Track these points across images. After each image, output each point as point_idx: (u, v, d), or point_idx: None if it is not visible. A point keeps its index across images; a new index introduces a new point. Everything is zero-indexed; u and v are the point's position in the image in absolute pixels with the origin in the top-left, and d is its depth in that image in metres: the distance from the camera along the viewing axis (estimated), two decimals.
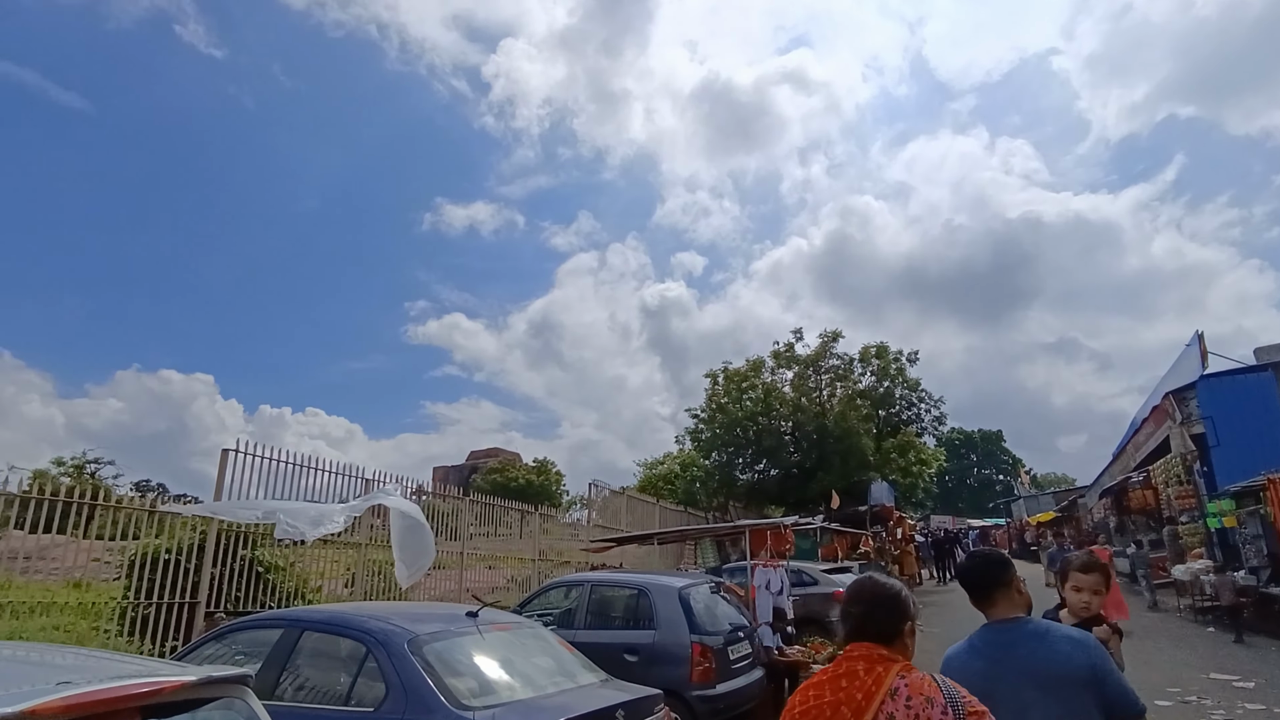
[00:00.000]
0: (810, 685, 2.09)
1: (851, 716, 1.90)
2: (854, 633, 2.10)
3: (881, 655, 2.00)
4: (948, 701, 1.90)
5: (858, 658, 2.02)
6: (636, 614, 8.12)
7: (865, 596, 2.14)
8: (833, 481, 26.07)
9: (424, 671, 3.80)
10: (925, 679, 1.96)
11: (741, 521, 9.93)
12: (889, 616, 2.07)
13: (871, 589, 2.16)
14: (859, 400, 28.58)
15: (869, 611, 2.09)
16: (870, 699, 1.91)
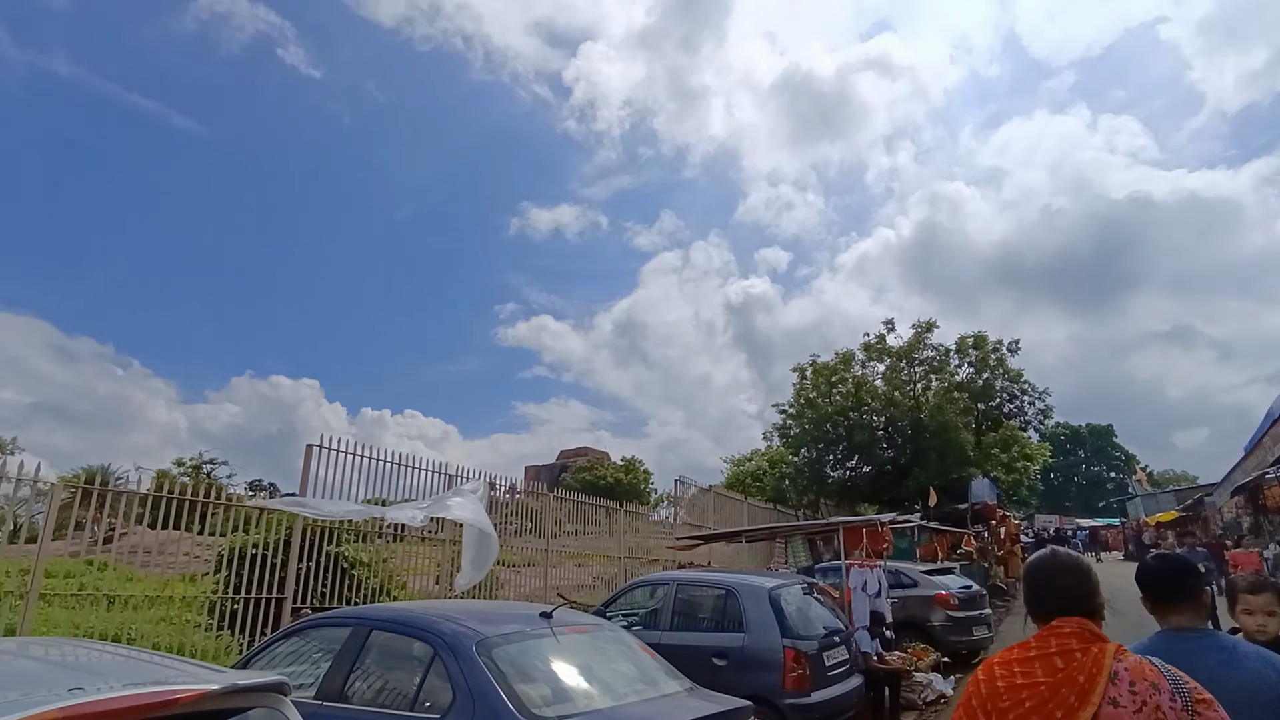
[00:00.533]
0: (1010, 661, 1.92)
1: (1075, 700, 1.76)
2: (1064, 607, 1.93)
3: (1095, 633, 1.88)
4: (1173, 688, 1.75)
5: (1069, 634, 1.87)
6: (724, 616, 7.71)
7: (1072, 567, 2.00)
8: (929, 478, 24.85)
9: (492, 676, 3.53)
10: (1144, 663, 1.81)
11: (835, 518, 9.35)
12: (1095, 591, 1.96)
13: (1075, 560, 2.04)
14: (956, 393, 27.17)
15: (1081, 584, 1.95)
16: (1093, 681, 1.77)
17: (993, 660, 1.98)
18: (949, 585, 11.96)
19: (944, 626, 11.33)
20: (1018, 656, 1.92)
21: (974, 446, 26.33)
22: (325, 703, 3.90)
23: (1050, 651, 1.86)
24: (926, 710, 9.15)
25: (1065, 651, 1.84)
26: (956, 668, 11.50)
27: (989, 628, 12.09)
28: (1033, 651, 1.90)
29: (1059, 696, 1.78)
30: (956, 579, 12.55)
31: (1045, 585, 2.00)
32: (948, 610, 11.43)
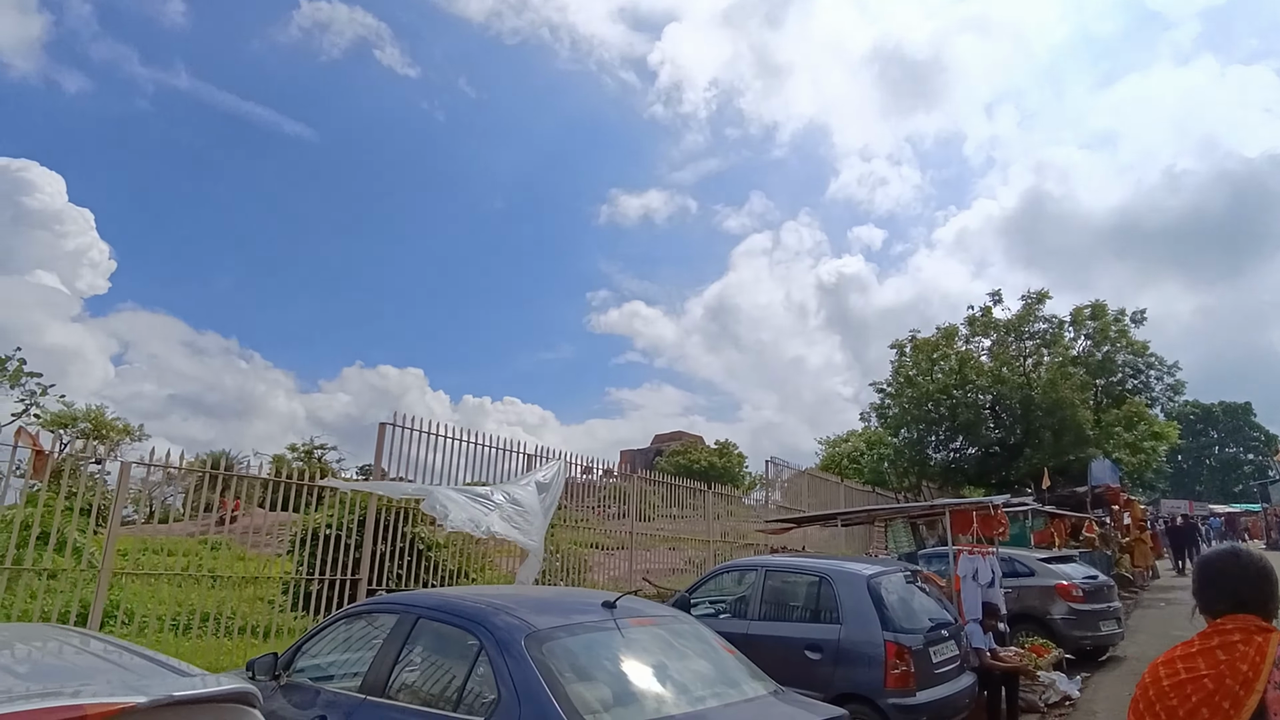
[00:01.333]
0: (1173, 659, 1.96)
1: (1240, 687, 1.79)
2: (1239, 606, 1.94)
3: (1260, 625, 1.90)
4: None
5: (1232, 629, 1.91)
6: (818, 605, 7.08)
7: (1255, 572, 1.98)
8: (1043, 460, 23.08)
9: (542, 675, 3.07)
10: None
11: (940, 500, 8.49)
12: (1274, 595, 1.96)
13: (1260, 561, 2.01)
14: (1071, 368, 25.06)
15: (1262, 587, 1.95)
16: (1257, 669, 1.80)
17: (1157, 661, 1.99)
18: (1071, 575, 10.84)
19: (1066, 620, 10.26)
20: (1180, 654, 1.94)
21: (1093, 425, 24.25)
22: (369, 697, 3.56)
23: (1212, 645, 1.90)
24: (1049, 713, 8.24)
25: (1226, 645, 1.87)
26: (1081, 666, 10.43)
27: (1119, 622, 10.90)
28: (1195, 647, 1.93)
29: (1224, 687, 1.79)
30: (1080, 568, 11.38)
31: (1224, 587, 2.00)
32: (1071, 602, 10.34)
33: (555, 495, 9.56)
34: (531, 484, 9.25)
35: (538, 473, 9.19)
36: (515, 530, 7.45)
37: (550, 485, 9.43)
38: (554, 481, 9.59)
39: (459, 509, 6.66)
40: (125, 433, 35.35)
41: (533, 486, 9.10)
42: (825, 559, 7.97)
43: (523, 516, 7.87)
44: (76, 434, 33.92)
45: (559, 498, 9.82)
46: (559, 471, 9.88)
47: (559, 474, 9.87)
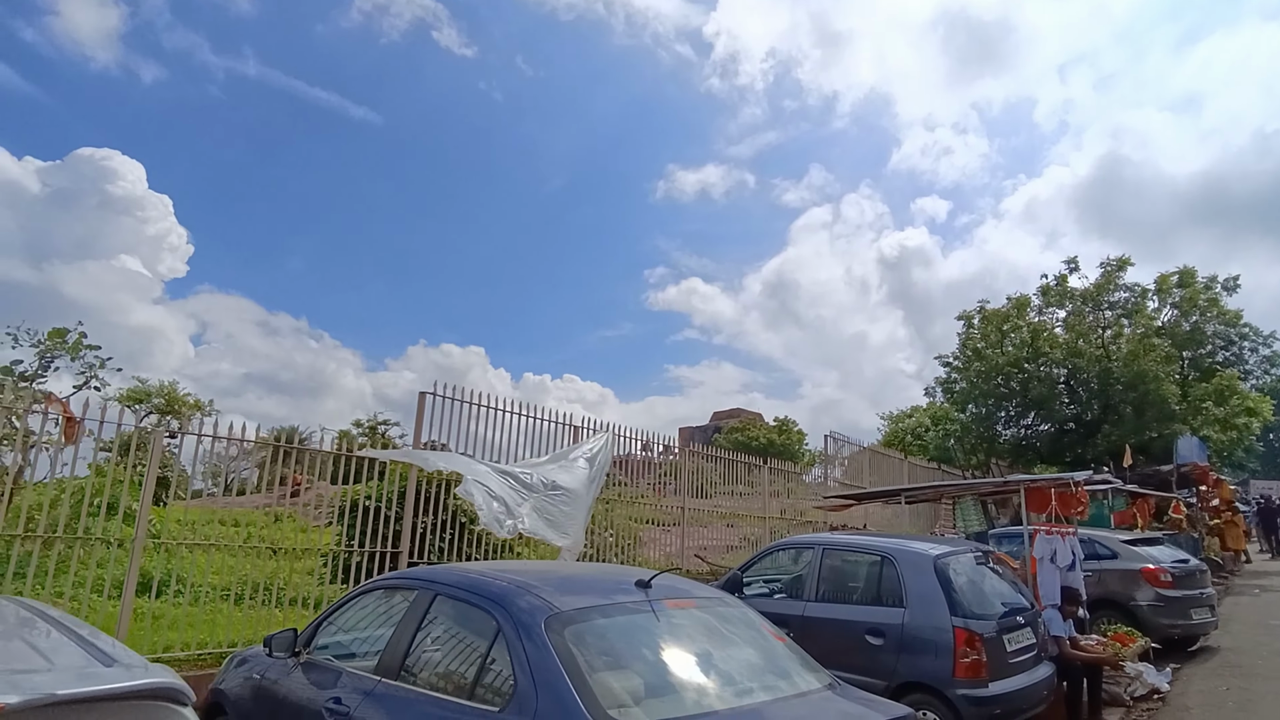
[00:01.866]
0: None
1: None
2: None
3: None
4: None
5: None
6: (880, 587, 6.61)
7: None
8: (1123, 436, 21.79)
9: (563, 663, 2.73)
10: None
11: (1015, 476, 7.85)
12: None
13: None
14: (1155, 339, 23.52)
15: None
16: None
17: None
18: (1159, 558, 10.05)
19: (1153, 608, 9.51)
20: None
21: (1179, 400, 22.76)
22: (383, 679, 3.29)
23: None
24: (1135, 707, 7.60)
25: None
26: (1170, 657, 9.68)
27: (1212, 610, 10.07)
28: None
29: None
30: (1168, 550, 10.55)
31: None
32: (1159, 588, 9.58)
33: (602, 471, 9.25)
34: (579, 460, 8.96)
35: (584, 446, 8.87)
36: (547, 525, 7.14)
37: (597, 460, 9.13)
38: (600, 456, 9.28)
39: (487, 499, 6.36)
40: (197, 408, 36.69)
41: (581, 464, 8.80)
42: (888, 537, 7.46)
43: (562, 502, 7.56)
44: (150, 409, 35.48)
45: (606, 473, 9.53)
46: (606, 445, 9.56)
47: (606, 447, 9.55)
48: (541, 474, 7.48)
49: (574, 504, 7.84)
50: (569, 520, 7.65)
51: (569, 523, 7.67)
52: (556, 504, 7.59)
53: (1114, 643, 8.13)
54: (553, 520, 7.38)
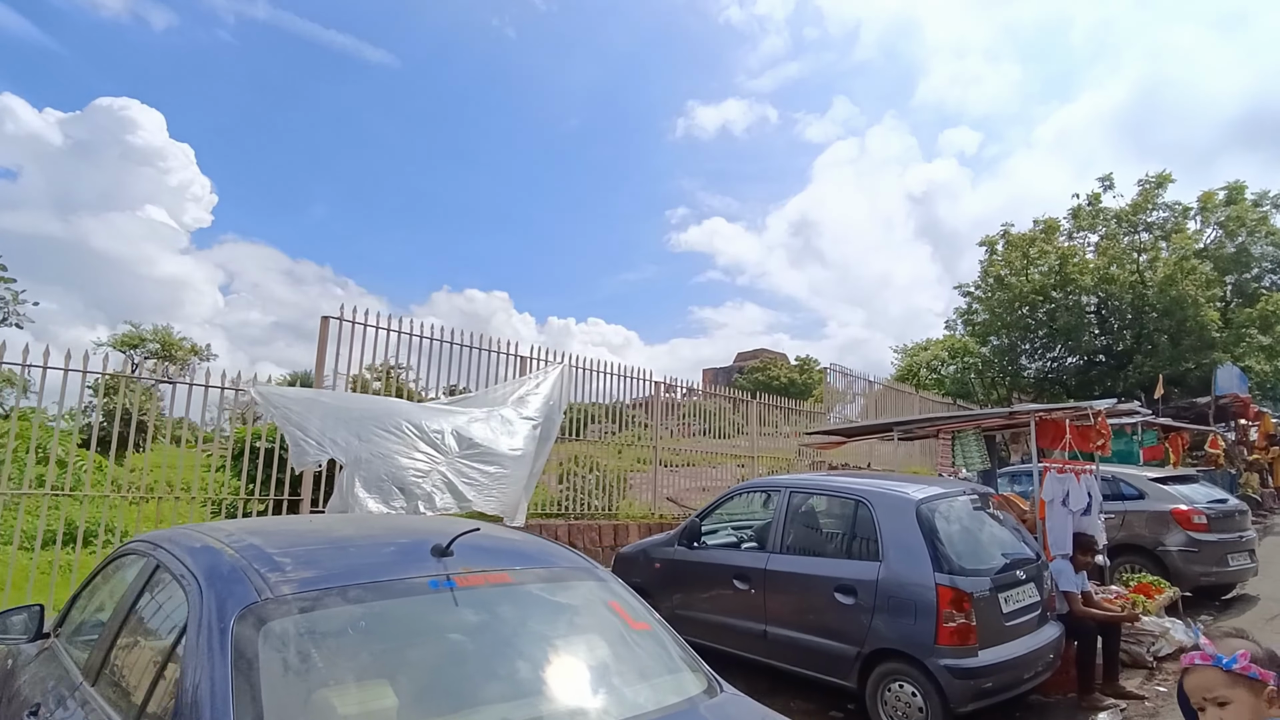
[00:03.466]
0: None
1: None
2: None
3: None
4: None
5: None
6: (853, 535, 5.64)
7: None
8: (1157, 367, 20.45)
9: (234, 685, 1.74)
10: None
11: (1023, 406, 6.76)
12: None
13: None
14: (1194, 260, 21.88)
15: None
16: None
17: None
18: (1193, 497, 8.96)
19: (1184, 553, 8.46)
20: None
21: (1220, 327, 21.26)
22: (83, 684, 2.37)
23: None
24: (1159, 669, 6.63)
25: None
26: (1201, 606, 8.71)
27: (1251, 555, 9.01)
28: None
29: None
30: (1203, 489, 9.45)
31: None
32: (1191, 531, 8.52)
33: (557, 412, 8.25)
34: (527, 398, 7.94)
35: (526, 383, 7.87)
36: (474, 490, 6.20)
37: (545, 400, 8.12)
38: (552, 395, 8.27)
39: (357, 470, 5.42)
40: (193, 352, 36.23)
41: (524, 413, 7.77)
42: (868, 477, 6.46)
43: (490, 465, 6.60)
44: (145, 354, 35.08)
45: (562, 412, 8.53)
46: (558, 381, 8.56)
47: (559, 384, 8.55)
48: (458, 425, 6.49)
49: (504, 463, 6.89)
50: (506, 482, 6.71)
51: (508, 482, 6.72)
52: (486, 465, 6.64)
53: (1137, 595, 7.13)
54: (477, 484, 6.44)
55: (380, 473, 5.73)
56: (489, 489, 6.45)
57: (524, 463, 7.22)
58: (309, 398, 6.11)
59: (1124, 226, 24.07)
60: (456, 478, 6.21)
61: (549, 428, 8.15)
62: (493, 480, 6.71)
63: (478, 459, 6.50)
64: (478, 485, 6.39)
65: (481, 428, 6.80)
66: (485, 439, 6.67)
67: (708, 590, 6.47)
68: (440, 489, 6.02)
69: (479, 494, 6.37)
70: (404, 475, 5.82)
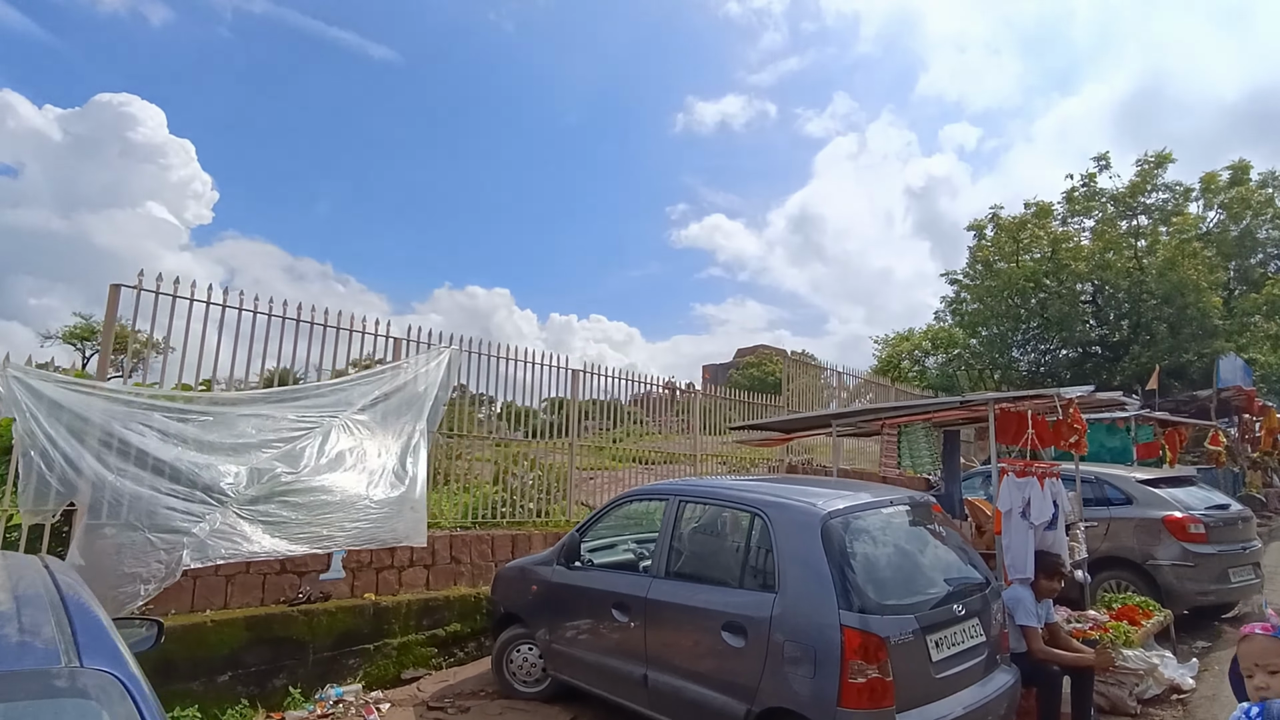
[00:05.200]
0: None
1: None
2: None
3: None
4: None
5: None
6: (747, 558, 4.47)
7: None
8: (1155, 358, 19.28)
9: None
10: None
11: (978, 395, 5.52)
12: None
13: None
14: (1196, 244, 20.68)
15: None
16: None
17: None
18: (1188, 503, 7.78)
19: (1178, 568, 7.29)
20: None
21: (1223, 315, 20.07)
22: None
23: None
24: (1145, 713, 5.47)
25: None
26: (1197, 629, 7.55)
27: (1255, 568, 7.84)
28: None
29: None
30: (1201, 493, 8.26)
31: None
32: (1186, 543, 7.35)
33: (437, 410, 7.06)
34: (393, 394, 6.73)
35: (379, 377, 6.68)
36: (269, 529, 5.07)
37: (425, 397, 6.92)
38: (430, 388, 7.06)
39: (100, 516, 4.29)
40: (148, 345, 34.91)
41: (392, 404, 6.61)
42: (780, 482, 5.26)
43: (319, 493, 5.46)
44: (97, 346, 33.73)
45: (443, 408, 7.33)
46: (446, 370, 7.36)
47: (446, 374, 7.36)
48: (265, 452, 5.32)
49: (345, 485, 5.76)
50: (322, 514, 5.55)
51: (321, 517, 5.55)
52: (302, 495, 5.49)
53: (1119, 622, 5.95)
54: (290, 523, 5.30)
55: (136, 516, 4.60)
56: (305, 519, 5.31)
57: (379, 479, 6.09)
58: (79, 396, 4.92)
59: (1121, 209, 22.85)
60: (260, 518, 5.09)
61: (428, 420, 6.98)
62: (333, 509, 5.59)
63: (294, 489, 5.36)
64: (299, 520, 5.26)
65: (314, 440, 5.66)
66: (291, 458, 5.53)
67: (586, 621, 5.30)
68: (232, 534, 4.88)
69: (286, 531, 5.22)
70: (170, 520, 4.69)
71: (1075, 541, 7.02)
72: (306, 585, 6.09)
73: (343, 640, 6.00)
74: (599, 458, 9.86)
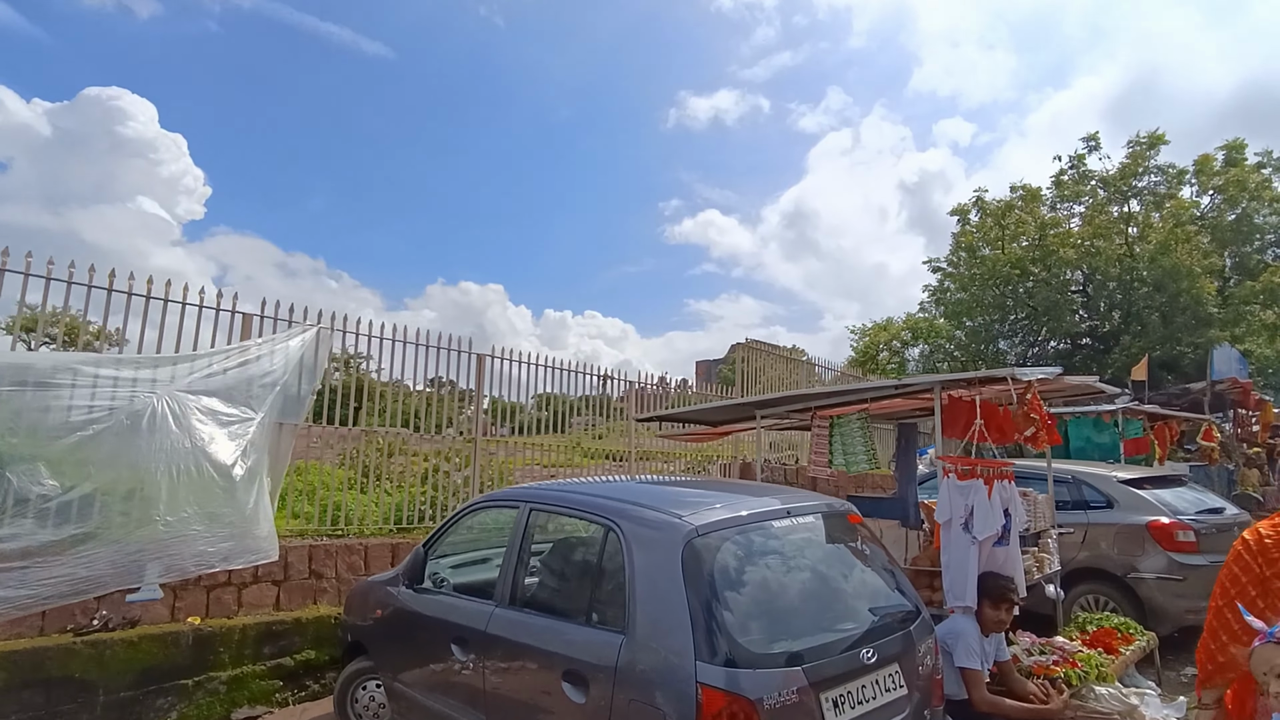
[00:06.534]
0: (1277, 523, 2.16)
1: None
2: None
3: None
4: None
5: None
6: (597, 585, 3.45)
7: None
8: (1147, 348, 18.35)
9: None
10: None
11: (916, 379, 4.56)
12: None
13: None
14: (1190, 228, 19.74)
15: None
16: None
17: (1258, 525, 2.17)
18: (1177, 506, 6.82)
19: (1164, 582, 6.33)
20: None
21: (1218, 303, 19.15)
22: None
23: None
24: None
25: None
26: (1186, 654, 6.57)
27: None
28: None
29: None
30: (1191, 494, 7.30)
31: None
32: (1173, 552, 6.39)
33: (287, 397, 6.02)
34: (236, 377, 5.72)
35: (208, 356, 5.68)
36: None
37: (269, 381, 5.90)
38: (282, 374, 6.03)
39: None
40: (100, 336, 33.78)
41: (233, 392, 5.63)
42: (652, 486, 4.24)
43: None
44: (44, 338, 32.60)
45: (306, 402, 6.33)
46: (303, 352, 6.34)
47: (305, 357, 6.34)
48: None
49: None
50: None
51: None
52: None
53: (1091, 652, 4.96)
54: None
55: None
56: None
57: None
58: None
59: (1112, 193, 21.88)
60: None
61: (283, 410, 5.96)
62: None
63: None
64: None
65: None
66: None
67: (426, 657, 4.30)
68: None
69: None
70: None
71: (1046, 552, 6.05)
72: (106, 610, 5.06)
73: (149, 677, 4.98)
74: (571, 455, 9.01)
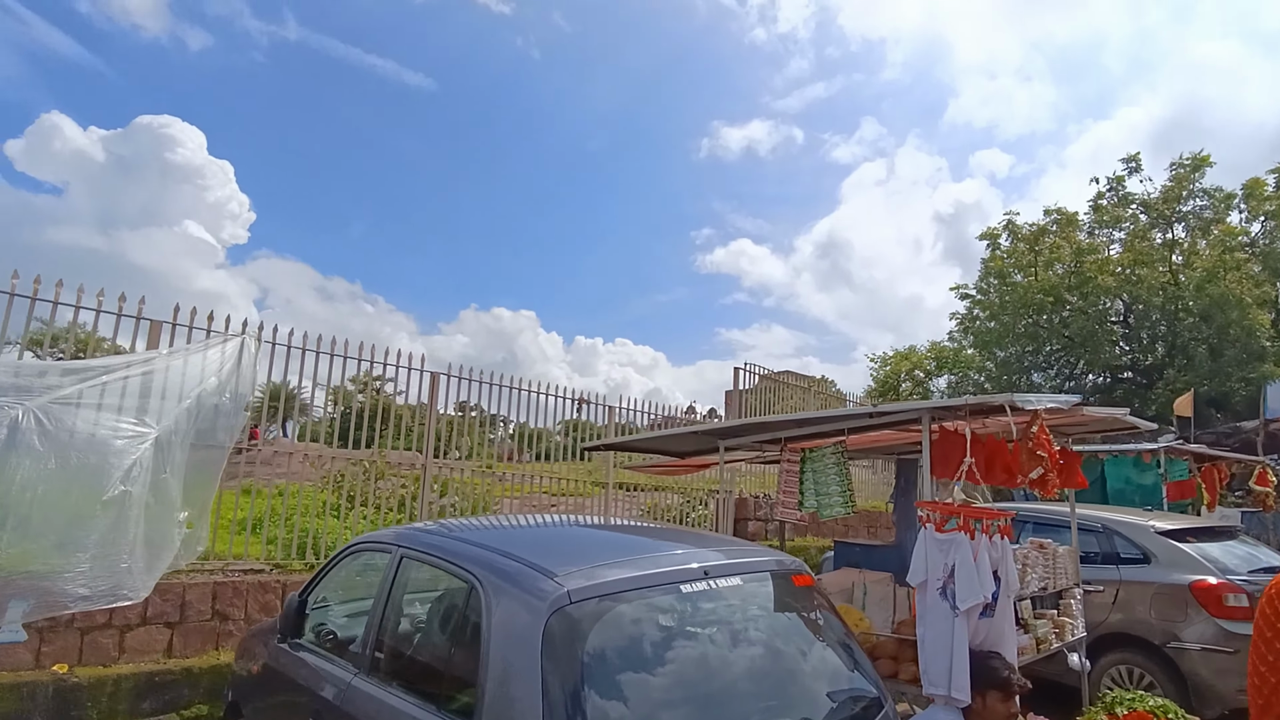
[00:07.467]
0: None
1: None
2: None
3: None
4: None
5: None
6: (452, 653, 2.70)
7: None
8: (1194, 383, 17.18)
9: None
10: None
11: (894, 406, 3.80)
12: None
13: None
14: (1240, 255, 18.57)
15: None
16: None
17: None
18: (1226, 563, 5.86)
19: (1210, 654, 5.37)
20: None
21: (1271, 335, 17.92)
22: None
23: None
24: None
25: None
26: None
27: None
28: None
29: None
30: (1244, 549, 6.33)
31: None
32: (1222, 619, 5.43)
33: (198, 413, 5.41)
34: None
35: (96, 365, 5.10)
36: None
37: (172, 394, 5.30)
38: (192, 390, 5.42)
39: None
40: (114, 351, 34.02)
41: None
42: (539, 530, 3.49)
43: None
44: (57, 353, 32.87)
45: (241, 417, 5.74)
46: (230, 360, 5.75)
47: (226, 365, 5.74)
48: None
49: None
50: None
51: None
52: None
53: None
54: None
55: None
56: None
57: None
58: None
59: (1154, 218, 20.74)
60: None
61: (192, 427, 5.33)
62: None
63: None
64: None
65: None
66: None
67: None
68: None
69: None
70: None
71: (1068, 616, 5.16)
72: None
73: None
74: (580, 482, 8.56)
